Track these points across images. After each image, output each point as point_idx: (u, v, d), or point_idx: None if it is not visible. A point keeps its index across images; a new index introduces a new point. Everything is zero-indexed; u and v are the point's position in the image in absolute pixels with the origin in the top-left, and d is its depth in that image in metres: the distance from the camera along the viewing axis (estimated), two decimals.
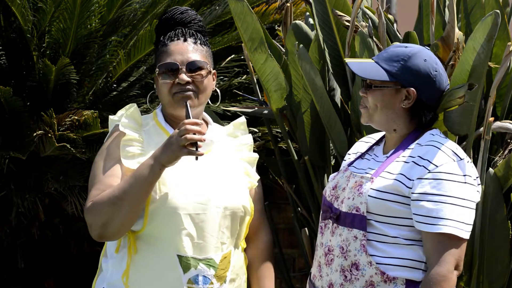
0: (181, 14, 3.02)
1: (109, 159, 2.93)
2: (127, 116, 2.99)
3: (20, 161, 4.32)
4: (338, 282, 2.76)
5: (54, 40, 4.42)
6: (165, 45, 2.97)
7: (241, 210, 2.99)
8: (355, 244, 2.73)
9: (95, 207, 2.83)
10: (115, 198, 2.81)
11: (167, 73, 2.94)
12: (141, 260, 2.91)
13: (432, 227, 2.66)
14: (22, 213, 4.55)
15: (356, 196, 2.75)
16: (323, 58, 3.89)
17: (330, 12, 3.84)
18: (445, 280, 2.66)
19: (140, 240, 2.92)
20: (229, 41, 4.74)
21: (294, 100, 3.92)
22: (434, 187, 2.68)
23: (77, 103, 4.54)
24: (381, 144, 2.94)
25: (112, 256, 2.97)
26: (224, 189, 2.96)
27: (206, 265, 2.90)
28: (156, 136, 2.97)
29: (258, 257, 3.15)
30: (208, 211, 2.91)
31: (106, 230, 2.84)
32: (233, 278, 2.99)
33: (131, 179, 2.82)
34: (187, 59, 2.94)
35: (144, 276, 2.90)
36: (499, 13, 3.17)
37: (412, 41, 3.62)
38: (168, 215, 2.87)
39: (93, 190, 2.88)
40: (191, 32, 2.99)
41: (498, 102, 3.70)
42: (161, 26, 3.04)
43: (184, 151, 2.77)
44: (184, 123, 2.79)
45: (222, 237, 2.94)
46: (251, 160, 3.14)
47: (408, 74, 2.77)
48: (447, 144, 2.76)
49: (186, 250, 2.88)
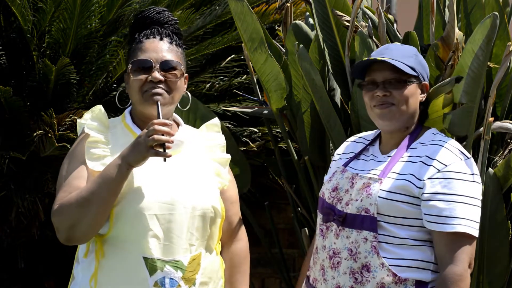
0: (158, 14, 2.97)
1: (75, 161, 2.88)
2: (93, 118, 2.93)
3: (20, 161, 4.32)
4: (348, 284, 2.75)
5: (54, 40, 4.42)
6: (140, 42, 2.91)
7: (210, 210, 2.91)
8: (366, 246, 2.72)
9: (62, 209, 2.78)
10: (83, 199, 2.75)
11: (139, 71, 2.87)
12: (108, 263, 2.85)
13: (445, 227, 2.66)
14: (22, 213, 4.54)
15: (364, 197, 2.74)
16: (323, 58, 3.89)
17: (330, 12, 3.84)
18: (462, 280, 2.66)
19: (107, 244, 2.85)
20: (229, 41, 4.74)
21: (294, 100, 3.92)
22: (445, 186, 2.68)
23: (77, 103, 4.54)
24: (376, 144, 2.93)
25: (82, 261, 2.92)
26: (192, 190, 2.89)
27: (173, 267, 2.83)
28: (122, 138, 2.91)
29: (233, 261, 3.07)
30: (175, 212, 2.84)
31: (73, 233, 2.79)
32: (204, 281, 2.91)
33: (98, 180, 2.77)
34: (161, 57, 2.88)
35: (111, 280, 2.84)
36: (497, 15, 3.17)
37: (412, 41, 3.62)
38: (133, 216, 2.81)
39: (60, 193, 2.82)
40: (167, 32, 2.95)
41: (498, 102, 3.71)
42: (137, 24, 2.97)
43: (152, 151, 2.72)
44: (153, 123, 2.73)
45: (190, 238, 2.86)
46: (222, 161, 3.06)
47: (422, 69, 2.82)
48: (452, 143, 2.77)
49: (152, 252, 2.81)
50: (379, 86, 2.79)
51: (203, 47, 4.70)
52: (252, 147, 4.54)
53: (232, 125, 4.57)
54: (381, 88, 2.79)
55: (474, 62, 3.25)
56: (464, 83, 3.27)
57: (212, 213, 2.92)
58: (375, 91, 2.79)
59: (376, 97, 2.79)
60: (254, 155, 4.57)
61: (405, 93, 2.78)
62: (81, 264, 2.92)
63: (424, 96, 2.84)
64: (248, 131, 4.67)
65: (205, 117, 3.97)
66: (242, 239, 3.12)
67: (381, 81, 2.79)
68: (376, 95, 2.78)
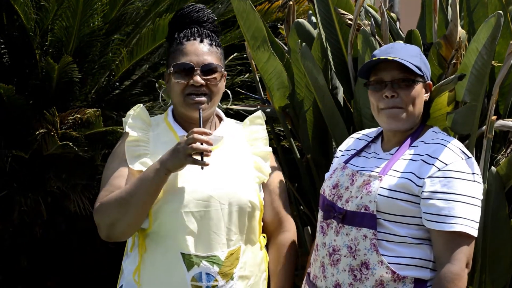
0: (197, 12, 3.01)
1: (116, 160, 2.97)
2: (133, 116, 3.01)
3: (22, 160, 4.32)
4: (347, 281, 2.75)
5: (57, 39, 4.42)
6: (180, 44, 2.96)
7: (248, 205, 2.97)
8: (365, 243, 2.72)
9: (103, 208, 2.88)
10: (122, 200, 2.84)
11: (181, 73, 2.94)
12: (149, 258, 2.94)
13: (443, 226, 2.66)
14: (25, 212, 4.55)
15: (364, 195, 2.74)
16: (325, 57, 3.88)
17: (333, 10, 3.84)
18: (459, 279, 2.66)
19: (148, 239, 2.94)
20: (231, 39, 4.74)
21: (296, 99, 3.91)
22: (445, 185, 2.68)
23: (80, 102, 4.54)
24: (378, 141, 2.93)
25: (129, 254, 3.02)
26: (229, 185, 2.96)
27: (209, 263, 2.91)
28: (164, 136, 3.00)
29: (279, 253, 3.12)
30: (211, 208, 2.91)
31: (113, 231, 2.88)
32: (244, 275, 2.97)
33: (137, 182, 2.85)
34: (202, 61, 2.94)
35: (152, 274, 2.93)
36: (502, 14, 3.17)
37: (415, 40, 3.62)
38: (170, 213, 2.89)
39: (102, 191, 2.92)
40: (207, 32, 2.99)
41: (500, 101, 3.70)
42: (176, 23, 3.02)
43: (190, 159, 2.80)
44: (193, 131, 2.80)
45: (228, 233, 2.94)
46: (264, 154, 3.12)
47: (425, 68, 2.84)
48: (454, 142, 2.77)
49: (189, 248, 2.89)
50: (387, 86, 2.79)
51: None
52: None
53: None
54: (389, 88, 2.78)
55: (478, 61, 3.25)
56: (468, 81, 3.27)
57: (249, 208, 2.98)
58: (383, 91, 2.79)
59: (384, 99, 2.78)
60: None
61: (412, 93, 2.78)
62: (128, 257, 3.02)
63: (428, 95, 2.84)
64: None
65: None
66: (289, 230, 3.15)
67: (389, 80, 2.78)
68: (384, 96, 2.78)
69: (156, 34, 4.44)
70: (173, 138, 2.97)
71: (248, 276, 3.00)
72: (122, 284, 3.01)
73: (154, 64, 4.89)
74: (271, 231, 3.12)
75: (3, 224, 4.65)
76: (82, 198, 4.48)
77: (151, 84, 4.80)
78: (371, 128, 3.07)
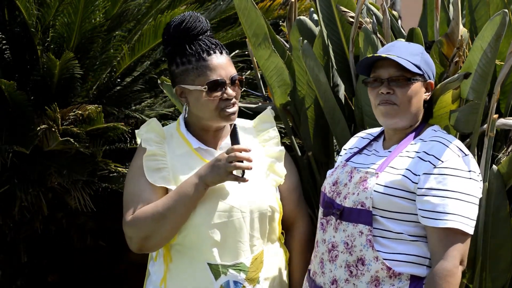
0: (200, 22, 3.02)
1: (138, 174, 3.00)
2: (148, 130, 3.05)
3: (23, 155, 4.32)
4: (343, 277, 2.77)
5: (59, 35, 4.43)
6: (203, 60, 2.98)
7: (268, 210, 3.03)
8: (361, 240, 2.73)
9: (137, 222, 2.92)
10: (159, 214, 2.90)
11: (214, 89, 2.96)
12: (176, 268, 3.00)
13: (437, 222, 2.67)
14: (26, 207, 4.55)
15: (361, 191, 2.75)
16: (327, 54, 3.88)
17: (335, 8, 3.84)
18: (451, 275, 2.66)
19: (173, 250, 3.00)
20: (233, 36, 4.74)
21: (298, 96, 3.91)
22: (440, 182, 2.68)
23: (81, 98, 4.54)
24: (380, 139, 2.94)
25: (153, 263, 3.08)
26: (249, 193, 3.00)
27: (236, 271, 2.96)
28: (178, 149, 3.03)
29: (296, 250, 3.18)
30: (233, 218, 2.97)
31: (147, 244, 2.94)
32: (268, 277, 3.03)
33: (175, 197, 2.91)
34: (229, 73, 3.00)
35: (179, 283, 2.99)
36: (507, 12, 3.17)
37: (417, 38, 3.62)
38: (194, 226, 2.94)
39: (130, 204, 2.96)
40: (216, 42, 3.02)
41: (502, 99, 3.70)
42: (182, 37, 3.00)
43: (231, 177, 2.89)
44: (233, 149, 2.89)
45: (251, 240, 3.00)
46: (277, 155, 3.16)
47: (427, 67, 2.84)
48: (451, 140, 2.77)
49: (215, 258, 2.95)
50: (384, 83, 2.80)
51: None
52: None
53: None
54: (385, 85, 2.80)
55: (482, 59, 3.25)
56: (472, 80, 3.27)
57: (270, 212, 3.04)
58: (379, 88, 2.80)
59: (381, 95, 2.80)
60: None
61: (409, 92, 2.79)
62: (154, 265, 3.08)
63: (429, 94, 2.84)
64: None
65: None
66: (304, 224, 3.21)
67: (385, 78, 2.80)
68: (380, 93, 2.79)
69: (157, 31, 4.44)
70: (189, 150, 3.02)
71: (273, 276, 3.06)
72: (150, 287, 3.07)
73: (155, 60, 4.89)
74: (287, 227, 3.17)
75: (4, 220, 4.65)
76: (82, 194, 4.48)
77: (152, 81, 4.81)
78: (376, 128, 3.07)
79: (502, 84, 3.56)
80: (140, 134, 3.08)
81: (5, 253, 4.95)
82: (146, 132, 3.04)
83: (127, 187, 3.01)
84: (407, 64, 2.77)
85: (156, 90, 4.81)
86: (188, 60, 2.98)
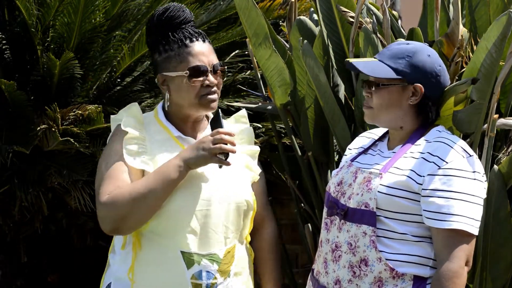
0: (183, 12, 3.03)
1: (115, 156, 2.96)
2: (129, 115, 3.01)
3: (23, 155, 4.32)
4: (346, 278, 2.77)
5: (59, 35, 4.42)
6: (185, 46, 2.97)
7: (244, 204, 3.02)
8: (364, 240, 2.73)
9: (115, 201, 2.86)
10: (139, 194, 2.85)
11: (196, 75, 2.95)
12: (145, 256, 2.94)
13: (442, 223, 2.67)
14: (26, 207, 4.55)
15: (365, 192, 2.75)
16: (327, 54, 3.89)
17: (335, 8, 3.84)
18: (457, 276, 2.66)
19: (144, 237, 2.95)
20: (233, 36, 4.73)
21: (298, 96, 3.91)
22: (445, 183, 2.68)
23: (81, 98, 4.54)
24: (385, 139, 2.94)
25: (119, 252, 3.01)
26: (227, 185, 2.99)
27: (210, 261, 2.93)
28: (157, 135, 3.00)
29: (265, 249, 3.19)
30: (211, 207, 2.93)
31: (122, 225, 2.87)
32: (238, 271, 3.01)
33: (156, 177, 2.86)
34: (211, 60, 2.98)
35: (149, 272, 2.93)
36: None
37: (417, 38, 3.62)
38: (172, 212, 2.90)
39: (106, 185, 2.90)
40: (199, 31, 3.01)
41: (502, 99, 3.70)
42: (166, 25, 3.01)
43: (215, 159, 2.86)
44: (219, 131, 2.87)
45: (226, 231, 2.97)
46: (252, 153, 3.17)
47: (414, 70, 2.79)
48: (456, 140, 2.77)
49: (190, 247, 2.91)
50: (364, 86, 2.83)
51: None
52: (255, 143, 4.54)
53: None
54: (365, 87, 2.84)
55: (487, 59, 3.25)
56: None
57: (245, 207, 3.03)
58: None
59: (365, 97, 2.83)
60: None
61: (382, 96, 2.80)
62: (118, 255, 3.02)
63: (417, 98, 2.80)
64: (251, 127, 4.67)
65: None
66: (273, 226, 3.22)
67: (365, 81, 2.83)
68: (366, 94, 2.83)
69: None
70: (169, 137, 2.99)
71: (241, 272, 3.04)
72: (111, 281, 3.01)
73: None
74: (255, 229, 3.17)
75: (4, 220, 4.65)
76: (83, 194, 4.48)
77: (152, 81, 4.80)
78: (380, 128, 3.07)
79: (502, 84, 3.56)
80: (116, 119, 3.04)
81: (5, 253, 4.96)
82: (127, 117, 3.02)
83: (102, 167, 2.95)
84: (372, 71, 2.78)
85: (156, 90, 4.81)
86: (171, 47, 2.97)
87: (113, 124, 3.06)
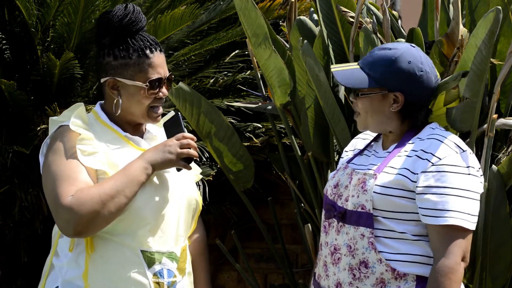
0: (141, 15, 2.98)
1: (69, 156, 2.88)
2: (76, 116, 2.95)
3: (23, 155, 4.32)
4: (347, 281, 2.76)
5: (59, 35, 4.42)
6: (146, 57, 2.92)
7: (194, 203, 3.02)
8: (363, 242, 2.73)
9: (82, 203, 2.78)
10: (106, 195, 2.79)
11: (153, 88, 2.93)
12: (101, 257, 2.87)
13: (438, 220, 2.67)
14: (26, 207, 4.55)
15: (360, 193, 2.75)
16: (327, 54, 3.89)
17: (335, 8, 3.84)
18: (453, 272, 2.66)
19: (96, 237, 2.87)
20: (233, 36, 4.74)
21: (298, 96, 3.92)
22: (438, 179, 2.68)
23: (81, 98, 4.54)
24: (380, 140, 2.94)
25: (66, 255, 2.93)
26: (179, 183, 2.98)
27: (169, 259, 2.91)
28: (103, 135, 2.95)
29: (198, 249, 3.16)
30: (168, 205, 2.92)
31: (89, 226, 2.79)
32: (190, 270, 3.01)
33: (123, 178, 2.82)
34: (166, 72, 2.96)
35: (106, 274, 2.87)
36: (500, 9, 3.17)
37: (417, 38, 3.62)
38: (131, 211, 2.85)
39: (65, 186, 2.82)
40: (155, 40, 2.97)
41: (502, 99, 3.70)
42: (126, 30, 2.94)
43: (181, 163, 2.87)
44: (185, 136, 2.88)
45: (179, 230, 2.96)
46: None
47: (393, 79, 2.77)
48: (449, 136, 2.77)
49: (150, 245, 2.87)
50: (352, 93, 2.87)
51: (207, 42, 4.70)
52: (255, 143, 4.54)
53: (235, 121, 4.57)
54: (351, 94, 2.86)
55: (477, 57, 3.25)
56: (467, 77, 3.27)
57: (194, 205, 3.03)
58: None
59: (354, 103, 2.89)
60: (258, 150, 4.57)
61: (365, 104, 2.81)
62: (65, 257, 2.93)
63: (399, 105, 2.79)
64: (251, 127, 4.67)
65: (208, 113, 3.98)
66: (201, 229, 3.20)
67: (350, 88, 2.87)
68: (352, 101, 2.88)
69: (157, 31, 4.44)
70: (117, 137, 2.95)
71: (191, 272, 3.04)
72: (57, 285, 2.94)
73: None
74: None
75: (4, 220, 4.65)
76: None
77: None
78: None
79: (502, 84, 3.56)
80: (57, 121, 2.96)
81: (5, 253, 4.96)
82: (74, 117, 2.97)
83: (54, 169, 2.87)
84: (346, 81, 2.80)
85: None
86: (129, 54, 2.91)
87: (55, 124, 2.98)
